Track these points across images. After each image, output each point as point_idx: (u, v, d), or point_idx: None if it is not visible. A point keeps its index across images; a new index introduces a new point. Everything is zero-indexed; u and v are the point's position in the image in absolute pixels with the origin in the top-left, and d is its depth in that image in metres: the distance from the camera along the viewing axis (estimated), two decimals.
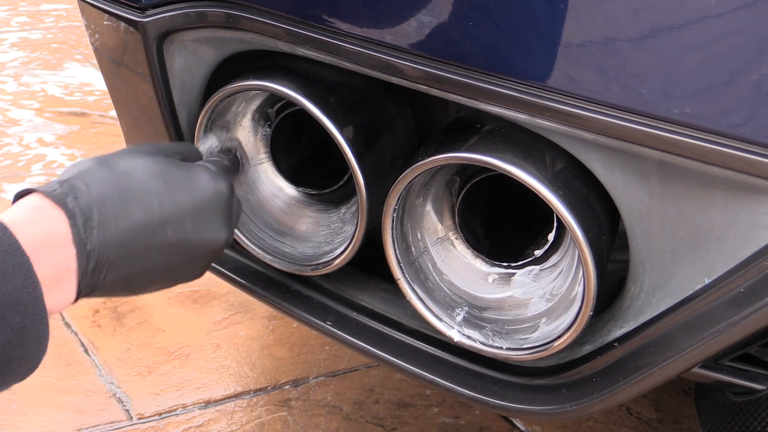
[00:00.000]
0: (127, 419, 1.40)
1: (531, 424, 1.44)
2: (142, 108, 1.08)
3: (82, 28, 1.41)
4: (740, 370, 0.88)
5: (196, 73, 1.03)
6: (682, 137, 0.72)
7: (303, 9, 0.89)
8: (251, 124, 1.07)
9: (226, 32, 0.97)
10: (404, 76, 0.85)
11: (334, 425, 1.40)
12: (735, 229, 0.76)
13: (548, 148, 0.84)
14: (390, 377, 1.52)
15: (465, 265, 0.98)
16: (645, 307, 0.84)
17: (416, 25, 0.82)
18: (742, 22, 0.69)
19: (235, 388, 1.48)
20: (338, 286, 1.07)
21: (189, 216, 0.87)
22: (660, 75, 0.72)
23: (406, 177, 0.88)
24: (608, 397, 0.86)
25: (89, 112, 2.54)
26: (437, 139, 0.91)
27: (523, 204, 0.94)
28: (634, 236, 0.82)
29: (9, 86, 2.68)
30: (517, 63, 0.78)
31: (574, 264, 0.89)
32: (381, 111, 1.02)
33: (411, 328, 1.01)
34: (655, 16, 0.71)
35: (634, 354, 0.85)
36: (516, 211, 1.01)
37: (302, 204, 1.10)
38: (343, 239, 1.04)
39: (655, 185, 0.78)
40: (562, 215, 0.81)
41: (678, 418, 1.49)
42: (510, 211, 1.02)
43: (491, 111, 0.82)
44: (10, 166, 2.19)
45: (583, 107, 0.76)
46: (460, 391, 0.95)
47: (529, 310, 0.93)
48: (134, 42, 1.02)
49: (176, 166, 0.90)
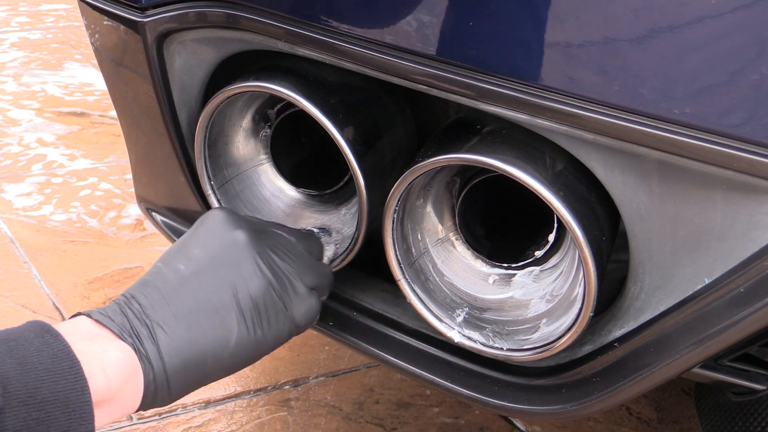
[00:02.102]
0: (127, 419, 1.40)
1: (531, 424, 1.44)
2: (142, 108, 1.08)
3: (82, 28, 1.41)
4: (740, 370, 0.88)
5: (196, 73, 1.03)
6: (682, 137, 0.72)
7: (303, 9, 0.89)
8: (251, 124, 1.07)
9: (226, 32, 0.97)
10: (404, 76, 0.85)
11: (334, 425, 1.40)
12: (735, 229, 0.76)
13: (548, 149, 0.84)
14: (390, 377, 1.52)
15: (465, 266, 0.98)
16: (645, 308, 0.84)
17: (416, 25, 0.82)
18: (742, 22, 0.69)
19: (235, 388, 1.48)
20: (338, 286, 1.06)
21: (191, 245, 0.88)
22: (660, 75, 0.72)
23: (406, 178, 0.88)
24: (608, 397, 0.86)
25: (89, 112, 2.54)
26: (437, 140, 0.91)
27: (524, 205, 0.94)
28: (634, 236, 0.82)
29: (9, 86, 2.68)
30: (518, 63, 0.78)
31: (574, 265, 0.89)
32: (381, 111, 1.02)
33: (411, 328, 1.01)
34: (655, 16, 0.71)
35: (635, 354, 0.85)
36: (516, 212, 1.01)
37: (302, 205, 1.10)
38: (343, 240, 1.04)
39: (655, 185, 0.78)
40: (563, 216, 0.81)
41: (678, 418, 1.49)
42: (510, 212, 1.02)
43: (491, 111, 0.82)
44: (10, 166, 2.19)
45: (583, 107, 0.76)
46: (460, 391, 0.95)
47: (529, 311, 0.93)
48: (134, 42, 1.02)
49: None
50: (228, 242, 0.88)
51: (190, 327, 0.83)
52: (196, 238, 0.89)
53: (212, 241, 0.88)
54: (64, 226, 1.92)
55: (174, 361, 0.82)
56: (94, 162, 2.24)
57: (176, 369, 0.82)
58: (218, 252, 0.87)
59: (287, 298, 0.89)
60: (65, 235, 1.89)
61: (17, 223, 1.92)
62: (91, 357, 0.76)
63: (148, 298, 0.83)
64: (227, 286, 0.86)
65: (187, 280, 0.85)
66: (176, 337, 0.82)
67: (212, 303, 0.85)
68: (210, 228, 0.90)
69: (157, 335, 0.81)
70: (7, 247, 1.83)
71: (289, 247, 0.91)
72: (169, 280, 0.85)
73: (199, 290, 0.85)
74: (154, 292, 0.84)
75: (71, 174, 2.17)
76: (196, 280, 0.85)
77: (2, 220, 1.94)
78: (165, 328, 0.82)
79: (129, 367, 0.79)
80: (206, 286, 0.85)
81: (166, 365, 0.81)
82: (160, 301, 0.83)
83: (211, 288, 0.85)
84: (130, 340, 0.80)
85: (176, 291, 0.84)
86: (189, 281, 0.85)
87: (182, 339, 0.82)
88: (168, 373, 0.81)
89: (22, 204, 2.01)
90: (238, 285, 0.86)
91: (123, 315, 0.82)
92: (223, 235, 0.89)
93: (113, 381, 0.77)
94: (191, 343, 0.83)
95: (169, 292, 0.84)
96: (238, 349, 0.85)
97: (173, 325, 0.82)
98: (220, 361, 0.85)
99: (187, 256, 0.87)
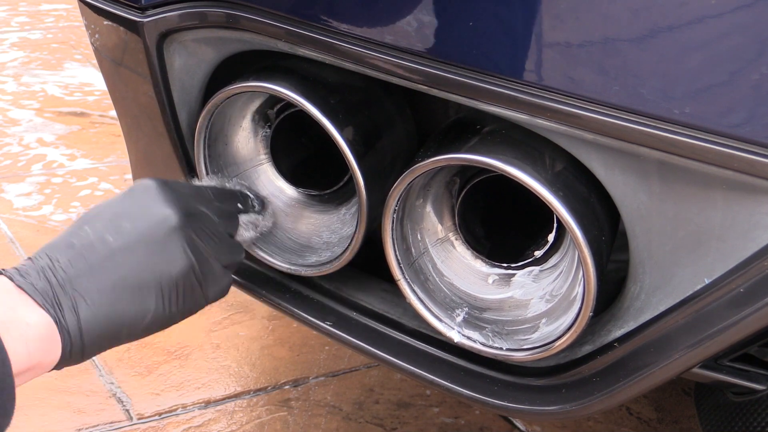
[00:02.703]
0: (127, 419, 1.40)
1: (531, 424, 1.44)
2: (142, 108, 1.08)
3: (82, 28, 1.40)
4: (740, 370, 0.88)
5: (196, 73, 1.03)
6: (682, 137, 0.72)
7: (303, 9, 0.89)
8: (251, 124, 1.07)
9: (226, 32, 0.97)
10: (404, 76, 0.85)
11: (334, 425, 1.40)
12: (735, 229, 0.76)
13: (548, 149, 0.84)
14: (390, 377, 1.52)
15: (465, 266, 0.98)
16: (645, 307, 0.84)
17: (416, 25, 0.82)
18: (742, 22, 0.69)
19: (235, 388, 1.48)
20: (338, 286, 1.07)
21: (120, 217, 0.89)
22: (660, 75, 0.72)
23: (406, 178, 0.88)
24: (608, 397, 0.86)
25: (89, 112, 2.54)
26: (437, 140, 0.91)
27: (523, 205, 0.94)
28: (634, 236, 0.82)
29: (9, 86, 2.69)
30: (518, 63, 0.78)
31: (574, 265, 0.89)
32: (381, 112, 1.02)
33: (411, 328, 1.01)
34: (655, 16, 0.71)
35: (634, 354, 0.85)
36: (516, 211, 1.01)
37: (302, 205, 1.10)
38: (343, 240, 1.04)
39: (655, 185, 0.78)
40: (562, 216, 0.81)
41: (678, 418, 1.49)
42: (510, 212, 1.02)
43: (491, 111, 0.82)
44: (10, 166, 2.19)
45: (583, 107, 0.76)
46: (460, 391, 0.95)
47: (529, 311, 0.93)
48: (134, 42, 1.02)
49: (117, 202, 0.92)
50: (158, 221, 0.89)
51: (112, 303, 0.85)
52: (127, 209, 0.90)
53: (143, 217, 0.89)
54: (64, 226, 1.92)
55: (91, 334, 0.84)
56: (94, 162, 2.24)
57: (93, 340, 0.84)
58: (147, 230, 0.89)
59: (204, 279, 0.91)
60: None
61: (17, 223, 1.92)
62: (14, 331, 0.79)
63: (73, 266, 0.84)
64: (152, 266, 0.88)
65: (114, 254, 0.86)
66: (97, 312, 0.84)
67: (136, 281, 0.87)
68: (141, 202, 0.90)
69: (79, 307, 0.83)
70: (7, 247, 1.83)
71: (212, 229, 0.93)
72: (96, 250, 0.86)
73: (124, 266, 0.86)
74: (79, 260, 0.85)
75: (71, 174, 2.17)
76: (122, 256, 0.87)
77: (2, 220, 1.94)
78: (87, 301, 0.84)
79: (49, 339, 0.81)
80: (132, 264, 0.87)
81: (84, 337, 0.83)
82: (86, 272, 0.85)
83: (136, 266, 0.87)
84: (52, 312, 0.82)
85: (102, 264, 0.85)
86: (116, 256, 0.86)
87: (102, 314, 0.84)
88: (84, 343, 0.84)
89: (22, 204, 2.01)
90: (162, 267, 0.88)
91: (46, 280, 0.83)
92: (154, 212, 0.90)
93: (34, 355, 0.80)
94: (110, 318, 0.85)
95: (95, 264, 0.85)
96: (151, 324, 0.89)
97: (96, 299, 0.84)
98: (133, 333, 0.88)
99: (117, 228, 0.88)
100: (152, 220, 0.89)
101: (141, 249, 0.87)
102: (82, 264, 0.85)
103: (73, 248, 0.86)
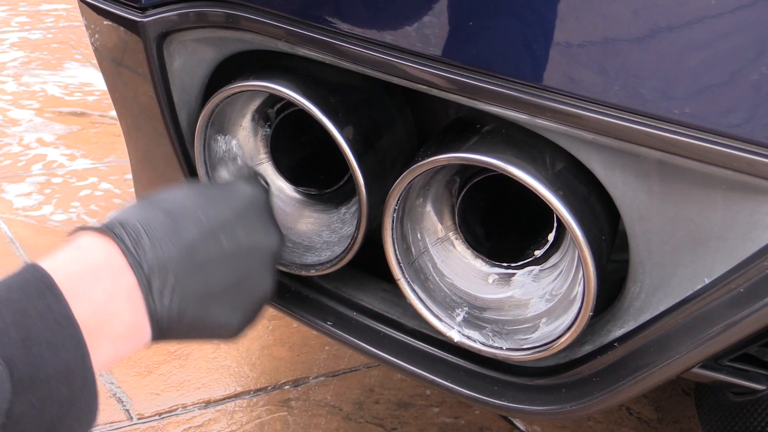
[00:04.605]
0: (127, 419, 1.40)
1: (531, 424, 1.44)
2: (142, 108, 1.08)
3: (82, 28, 1.40)
4: (740, 370, 0.88)
5: (196, 73, 1.03)
6: (682, 137, 0.72)
7: (303, 9, 0.89)
8: (251, 124, 1.07)
9: (226, 32, 0.97)
10: (404, 76, 0.85)
11: (334, 425, 1.40)
12: (735, 229, 0.76)
13: (548, 149, 0.84)
14: (390, 377, 1.52)
15: (465, 265, 0.98)
16: (645, 307, 0.84)
17: (416, 25, 0.82)
18: (742, 22, 0.69)
19: (235, 388, 1.48)
20: (338, 286, 1.07)
21: (236, 222, 0.88)
22: (660, 75, 0.72)
23: (406, 177, 0.88)
24: (608, 397, 0.86)
25: (89, 112, 2.54)
26: (437, 139, 0.91)
27: (523, 204, 0.94)
28: (634, 236, 0.82)
29: (9, 86, 2.69)
30: (518, 63, 0.78)
31: (574, 264, 0.89)
32: (381, 111, 1.02)
33: (411, 328, 1.01)
34: (655, 16, 0.71)
35: (634, 354, 0.85)
36: (516, 211, 1.01)
37: (302, 204, 1.10)
38: (343, 239, 1.04)
39: (655, 185, 0.78)
40: (562, 215, 0.81)
41: (678, 418, 1.49)
42: (510, 212, 1.02)
43: (491, 111, 0.82)
44: (10, 166, 2.19)
45: (583, 107, 0.76)
46: (460, 391, 0.95)
47: (529, 311, 0.93)
48: (134, 42, 1.02)
49: (211, 184, 0.95)
50: (264, 242, 0.91)
51: (207, 308, 0.84)
52: (241, 217, 0.90)
53: (256, 233, 0.91)
54: (64, 226, 1.92)
55: (176, 331, 0.83)
56: (94, 162, 2.24)
57: (171, 336, 0.84)
58: (255, 246, 0.90)
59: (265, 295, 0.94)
60: (66, 235, 1.89)
61: (17, 223, 1.92)
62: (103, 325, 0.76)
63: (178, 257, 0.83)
64: (251, 283, 0.89)
65: (224, 258, 0.86)
66: (190, 312, 0.83)
67: (232, 291, 0.87)
68: (255, 214, 0.92)
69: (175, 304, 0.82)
70: (7, 247, 1.83)
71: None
72: (209, 250, 0.85)
73: (229, 275, 0.87)
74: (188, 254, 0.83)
75: (71, 174, 2.17)
76: (232, 263, 0.87)
77: (2, 220, 1.94)
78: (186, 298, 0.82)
79: (135, 334, 0.80)
80: (236, 274, 0.87)
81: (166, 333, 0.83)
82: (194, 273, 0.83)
83: (238, 278, 0.88)
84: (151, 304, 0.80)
85: (208, 264, 0.85)
86: (225, 260, 0.86)
87: (191, 314, 0.84)
88: (163, 338, 0.83)
89: (22, 204, 2.01)
90: (257, 286, 0.90)
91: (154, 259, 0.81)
92: (263, 230, 0.92)
93: (120, 350, 0.79)
94: (196, 321, 0.84)
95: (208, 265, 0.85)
96: (221, 335, 0.90)
97: (192, 299, 0.83)
98: (204, 338, 0.89)
99: (232, 233, 0.88)
100: (261, 240, 0.91)
101: (246, 262, 0.88)
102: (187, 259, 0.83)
103: (197, 251, 0.84)
